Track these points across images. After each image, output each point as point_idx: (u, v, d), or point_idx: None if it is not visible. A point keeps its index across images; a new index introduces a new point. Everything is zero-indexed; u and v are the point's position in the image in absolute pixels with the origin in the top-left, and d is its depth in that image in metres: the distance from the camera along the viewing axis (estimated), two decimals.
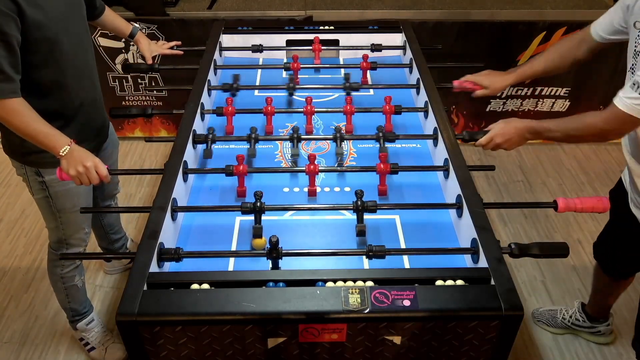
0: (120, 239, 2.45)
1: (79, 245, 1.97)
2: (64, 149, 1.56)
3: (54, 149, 1.57)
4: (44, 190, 1.81)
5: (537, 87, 3.21)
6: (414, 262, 1.46)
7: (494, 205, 1.53)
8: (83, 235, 1.97)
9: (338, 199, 1.67)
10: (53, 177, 1.74)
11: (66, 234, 1.93)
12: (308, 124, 1.93)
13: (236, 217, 1.60)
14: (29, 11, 1.47)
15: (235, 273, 1.38)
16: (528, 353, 2.26)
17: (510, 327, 1.23)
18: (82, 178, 1.57)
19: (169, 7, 2.97)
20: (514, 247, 1.37)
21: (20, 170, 1.81)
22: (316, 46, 2.27)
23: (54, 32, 1.56)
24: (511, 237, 2.77)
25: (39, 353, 2.25)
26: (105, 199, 2.20)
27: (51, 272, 2.04)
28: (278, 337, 1.24)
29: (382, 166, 1.65)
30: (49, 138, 1.56)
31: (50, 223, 1.92)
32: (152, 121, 3.38)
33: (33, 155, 1.72)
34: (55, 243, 1.97)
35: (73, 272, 2.04)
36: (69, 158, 1.57)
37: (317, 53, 2.27)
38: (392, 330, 1.23)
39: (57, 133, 1.58)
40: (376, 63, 2.18)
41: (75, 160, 1.56)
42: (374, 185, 1.70)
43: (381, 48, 2.29)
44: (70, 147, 1.57)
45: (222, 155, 1.84)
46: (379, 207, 1.58)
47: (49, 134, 1.56)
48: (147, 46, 2.13)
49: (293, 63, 2.16)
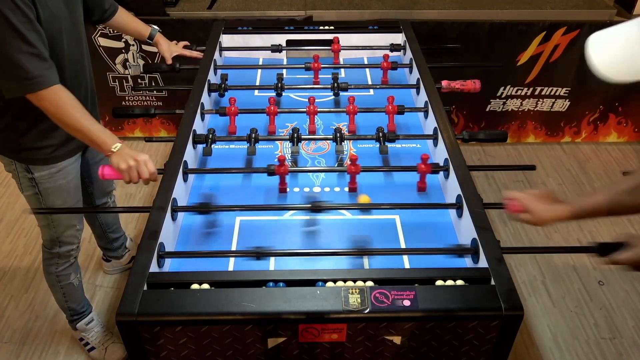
0: (119, 239, 2.45)
1: (71, 243, 1.97)
2: (115, 145, 1.52)
3: (104, 144, 1.52)
4: (34, 187, 1.79)
5: (537, 87, 3.21)
6: (414, 262, 1.45)
7: (494, 205, 1.53)
8: (75, 232, 1.96)
9: (338, 199, 1.67)
10: (43, 174, 1.74)
11: (58, 231, 1.91)
12: (311, 124, 1.93)
13: (236, 217, 1.60)
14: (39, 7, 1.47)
15: (235, 273, 1.38)
16: (528, 353, 2.26)
17: (511, 327, 1.23)
18: (132, 172, 1.52)
19: (169, 7, 2.97)
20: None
21: (10, 166, 1.78)
22: (336, 46, 2.28)
23: (56, 30, 1.56)
24: (511, 237, 2.77)
25: (39, 353, 2.25)
26: (100, 197, 2.19)
27: (47, 272, 2.03)
28: (278, 337, 1.24)
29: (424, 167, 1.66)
30: (101, 134, 1.52)
31: (41, 221, 1.91)
32: (152, 121, 3.38)
33: (27, 151, 1.70)
34: (48, 241, 1.96)
35: (68, 270, 2.03)
36: (121, 154, 1.53)
37: (336, 54, 2.28)
38: (392, 330, 1.23)
39: (107, 130, 1.56)
40: (397, 63, 2.19)
41: (127, 154, 1.53)
42: (375, 185, 1.70)
43: (400, 48, 2.30)
44: (122, 145, 1.54)
45: (223, 155, 1.84)
46: (378, 207, 1.59)
47: (101, 129, 1.53)
48: (167, 47, 2.14)
49: (314, 63, 2.17)
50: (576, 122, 3.38)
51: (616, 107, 3.29)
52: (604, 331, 2.34)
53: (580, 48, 3.01)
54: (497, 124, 3.38)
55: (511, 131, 3.41)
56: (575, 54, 3.03)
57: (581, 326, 2.37)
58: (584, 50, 1.06)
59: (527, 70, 3.13)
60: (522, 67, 3.11)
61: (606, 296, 2.48)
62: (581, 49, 3.01)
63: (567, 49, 3.03)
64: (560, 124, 3.40)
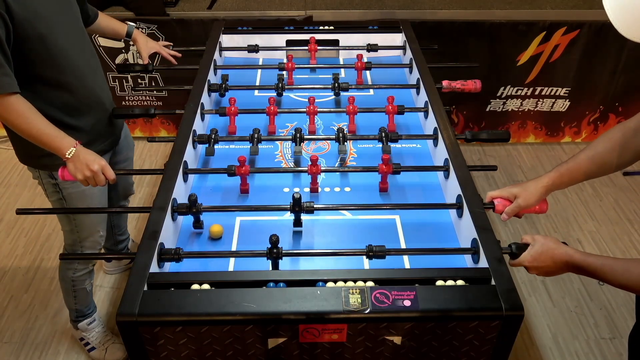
0: (124, 240, 2.45)
1: (93, 248, 1.96)
2: (69, 151, 1.54)
3: (59, 150, 1.54)
4: (58, 193, 1.80)
5: (537, 87, 3.21)
6: (415, 262, 1.45)
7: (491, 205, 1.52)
8: (98, 238, 1.96)
9: (338, 199, 1.67)
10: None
11: (81, 236, 1.92)
12: (311, 124, 1.93)
13: (236, 217, 1.60)
14: (16, 7, 1.46)
15: (235, 273, 1.38)
16: (528, 353, 2.26)
17: (511, 327, 1.23)
18: (90, 181, 1.56)
19: (169, 7, 2.97)
20: (513, 247, 1.35)
21: (35, 174, 1.80)
22: (312, 46, 2.27)
23: (45, 27, 1.54)
24: (511, 237, 2.77)
25: (39, 353, 2.25)
26: (120, 200, 2.20)
27: (63, 277, 2.03)
28: (278, 337, 1.24)
29: (385, 167, 1.65)
30: (53, 139, 1.53)
31: (65, 226, 1.91)
32: (152, 121, 3.38)
33: (45, 158, 1.70)
34: (70, 246, 1.96)
35: (85, 277, 2.04)
36: (76, 161, 1.54)
37: (313, 53, 2.27)
38: (393, 330, 1.23)
39: (61, 134, 1.55)
40: (371, 63, 2.18)
41: (82, 163, 1.54)
42: (375, 185, 1.70)
43: (377, 48, 2.29)
44: (76, 149, 1.54)
45: (224, 155, 1.84)
46: (378, 207, 1.58)
47: (52, 135, 1.54)
48: (144, 44, 2.11)
49: (287, 63, 2.16)
50: (576, 122, 3.38)
51: (616, 107, 3.29)
52: (604, 331, 2.34)
53: (581, 48, 3.01)
54: (497, 124, 3.38)
55: (511, 131, 3.41)
56: (576, 54, 3.03)
57: (581, 326, 2.37)
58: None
59: (527, 70, 3.13)
60: (522, 67, 3.11)
61: (606, 296, 2.49)
62: (581, 49, 3.01)
63: (567, 49, 3.03)
64: (560, 124, 3.40)
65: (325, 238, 1.55)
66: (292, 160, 1.83)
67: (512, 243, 1.36)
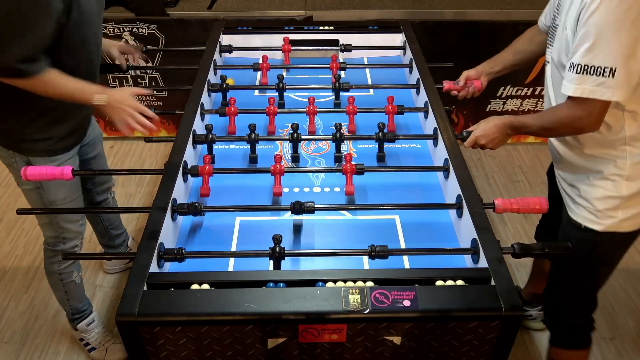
0: (121, 235, 2.44)
1: (75, 238, 1.95)
2: (98, 97, 1.59)
3: (89, 101, 1.60)
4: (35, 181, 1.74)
5: (537, 87, 3.21)
6: (414, 262, 1.45)
7: (489, 205, 1.52)
8: (78, 227, 1.95)
9: (339, 199, 1.67)
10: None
11: (61, 227, 1.89)
12: (311, 124, 1.92)
13: (236, 217, 1.60)
14: (74, 11, 1.52)
15: (235, 273, 1.38)
16: (528, 353, 2.26)
17: (511, 327, 1.23)
18: (133, 124, 1.64)
19: (169, 7, 2.97)
20: (516, 247, 1.36)
21: (9, 159, 1.76)
22: (286, 46, 2.29)
23: (88, 32, 1.63)
24: (511, 237, 2.77)
25: (39, 353, 2.25)
26: (100, 193, 2.19)
27: (48, 271, 2.02)
28: (278, 337, 1.24)
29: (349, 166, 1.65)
30: (84, 94, 1.59)
31: (43, 218, 1.89)
32: (152, 121, 3.37)
33: (29, 143, 1.70)
34: (51, 238, 1.93)
35: (70, 268, 2.02)
36: (113, 108, 1.61)
37: (287, 54, 2.29)
38: (392, 330, 1.23)
39: (87, 86, 1.60)
40: (345, 63, 2.19)
41: (119, 108, 1.62)
42: (375, 185, 1.70)
43: (351, 49, 2.29)
44: (106, 96, 1.60)
45: (224, 155, 1.84)
46: (378, 207, 1.58)
47: (81, 89, 1.59)
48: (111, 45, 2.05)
49: (262, 63, 2.17)
50: None
51: None
52: (604, 331, 2.34)
53: None
54: None
55: None
56: None
57: None
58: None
59: (527, 70, 3.12)
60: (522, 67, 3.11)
61: (606, 296, 2.48)
62: None
63: None
64: None
65: (325, 238, 1.55)
66: (291, 160, 1.83)
67: (465, 130, 1.68)
